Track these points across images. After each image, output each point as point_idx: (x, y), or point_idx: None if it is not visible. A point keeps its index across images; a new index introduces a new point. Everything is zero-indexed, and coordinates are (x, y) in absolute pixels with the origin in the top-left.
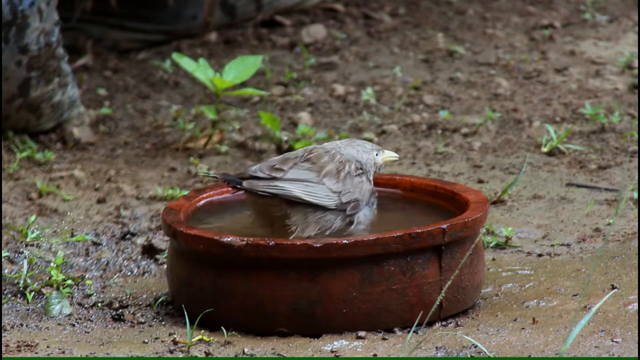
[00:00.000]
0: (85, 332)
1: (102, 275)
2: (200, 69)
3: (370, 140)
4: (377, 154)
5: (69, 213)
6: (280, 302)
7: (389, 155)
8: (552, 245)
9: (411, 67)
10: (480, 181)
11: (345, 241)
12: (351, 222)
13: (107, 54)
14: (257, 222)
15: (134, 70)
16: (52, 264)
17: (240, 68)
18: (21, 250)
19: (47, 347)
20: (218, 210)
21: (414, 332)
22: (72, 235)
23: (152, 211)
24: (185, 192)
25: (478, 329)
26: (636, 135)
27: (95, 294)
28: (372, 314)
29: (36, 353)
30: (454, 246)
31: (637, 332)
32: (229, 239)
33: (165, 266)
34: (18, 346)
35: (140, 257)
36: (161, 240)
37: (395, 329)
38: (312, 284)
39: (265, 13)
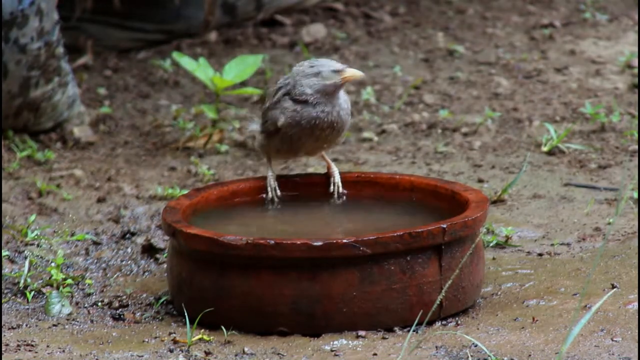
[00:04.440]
0: (85, 331)
1: (102, 274)
2: (200, 68)
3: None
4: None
5: (69, 213)
6: (280, 301)
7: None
8: (552, 245)
9: (411, 67)
10: (480, 180)
11: (345, 240)
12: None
13: (107, 54)
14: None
15: (134, 69)
16: (52, 264)
17: (241, 67)
18: (21, 249)
19: (47, 346)
20: (218, 209)
21: (414, 331)
22: (72, 235)
23: (152, 211)
24: (185, 191)
25: (478, 328)
26: (636, 135)
27: (95, 294)
28: (372, 313)
29: (36, 352)
30: (454, 245)
31: (637, 331)
32: (229, 238)
33: (165, 265)
34: (18, 345)
35: (140, 256)
36: (161, 240)
37: (395, 328)
38: (312, 283)
39: (265, 12)
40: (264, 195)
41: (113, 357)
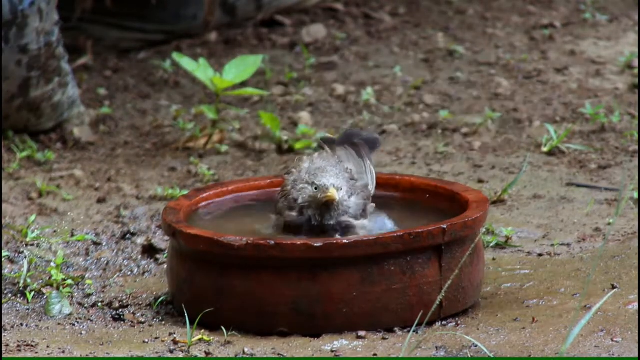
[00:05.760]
0: (85, 332)
1: (102, 275)
2: (200, 69)
3: None
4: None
5: (69, 213)
6: (280, 302)
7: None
8: (552, 245)
9: (411, 67)
10: (481, 181)
11: (345, 241)
12: None
13: (107, 54)
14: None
15: (134, 70)
16: (52, 264)
17: (241, 68)
18: (21, 249)
19: (47, 346)
20: (218, 209)
21: (414, 331)
22: (72, 235)
23: (152, 211)
24: (185, 192)
25: (478, 329)
26: (636, 135)
27: (95, 294)
28: (372, 313)
29: (36, 353)
30: (454, 246)
31: (637, 331)
32: (229, 239)
33: (165, 266)
34: (18, 346)
35: (140, 256)
36: (161, 240)
37: (396, 329)
38: (312, 283)
39: (265, 13)
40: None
41: (113, 357)
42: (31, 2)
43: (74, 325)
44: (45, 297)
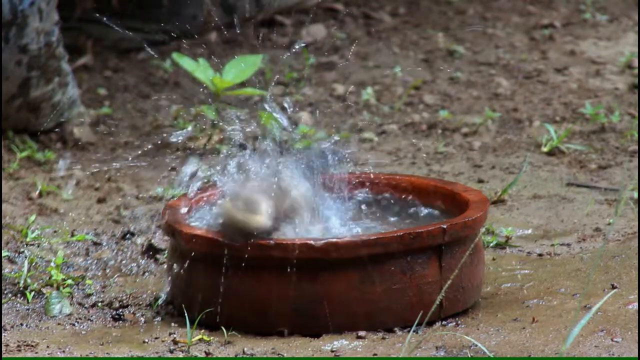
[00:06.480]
0: (85, 331)
1: (102, 275)
2: (200, 69)
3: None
4: None
5: (69, 213)
6: (280, 302)
7: None
8: (552, 245)
9: (411, 67)
10: (481, 181)
11: (345, 241)
12: None
13: (107, 54)
14: None
15: (134, 70)
16: (52, 264)
17: (240, 68)
18: (21, 250)
19: (47, 346)
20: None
21: (414, 331)
22: (72, 235)
23: (153, 211)
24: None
25: (478, 329)
26: (636, 135)
27: (95, 294)
28: (372, 313)
29: (36, 353)
30: (454, 246)
31: (637, 331)
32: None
33: (165, 266)
34: (18, 346)
35: (140, 256)
36: (161, 240)
37: (396, 329)
38: (313, 283)
39: (265, 13)
40: None
41: (113, 357)
42: (31, 2)
43: (74, 325)
44: (45, 297)
